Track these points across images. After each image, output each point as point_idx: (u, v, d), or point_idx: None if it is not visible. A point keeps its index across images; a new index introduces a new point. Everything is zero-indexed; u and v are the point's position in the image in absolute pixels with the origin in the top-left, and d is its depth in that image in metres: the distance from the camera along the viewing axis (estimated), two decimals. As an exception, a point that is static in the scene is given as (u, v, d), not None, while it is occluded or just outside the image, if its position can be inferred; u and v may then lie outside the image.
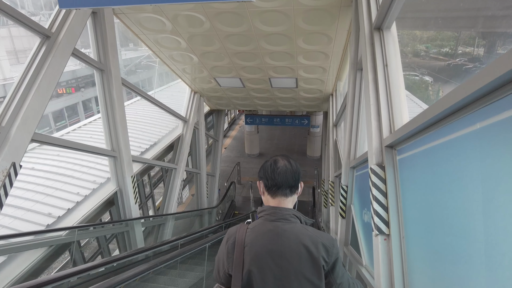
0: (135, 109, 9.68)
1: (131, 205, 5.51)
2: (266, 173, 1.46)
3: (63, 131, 7.59)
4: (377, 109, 2.80)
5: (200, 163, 9.13)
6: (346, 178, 4.57)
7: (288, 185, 1.44)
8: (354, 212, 4.29)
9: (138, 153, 6.74)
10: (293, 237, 1.34)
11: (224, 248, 1.42)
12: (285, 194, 1.45)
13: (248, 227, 1.42)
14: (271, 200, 1.46)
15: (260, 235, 1.36)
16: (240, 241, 1.37)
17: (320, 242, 1.34)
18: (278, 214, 1.40)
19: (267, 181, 1.46)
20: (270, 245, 1.33)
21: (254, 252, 1.33)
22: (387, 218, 2.34)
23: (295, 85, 7.50)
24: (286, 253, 1.31)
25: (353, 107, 4.35)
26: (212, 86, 7.99)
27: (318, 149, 15.81)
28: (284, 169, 1.44)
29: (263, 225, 1.39)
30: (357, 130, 4.33)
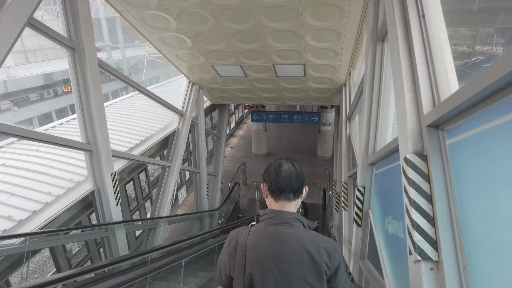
0: (131, 103, 9.03)
1: (111, 207, 4.78)
2: (270, 176, 1.45)
3: (49, 125, 6.96)
4: (411, 75, 1.96)
5: (199, 161, 8.38)
6: (363, 178, 3.73)
7: (292, 189, 1.43)
8: (373, 219, 3.46)
9: (126, 149, 6.03)
10: (295, 241, 1.33)
11: (226, 250, 1.41)
12: (288, 198, 1.44)
13: (250, 230, 1.42)
14: (274, 204, 1.46)
15: (261, 238, 1.36)
16: (242, 244, 1.36)
17: (322, 247, 1.33)
18: (281, 218, 1.40)
19: (270, 184, 1.45)
20: (272, 249, 1.32)
21: (255, 255, 1.32)
22: (434, 235, 1.51)
23: (303, 74, 6.66)
24: (288, 257, 1.30)
25: (372, 88, 3.49)
26: (211, 76, 7.23)
27: (329, 148, 14.88)
28: (288, 173, 1.43)
29: (265, 228, 1.39)
30: (378, 118, 3.46)
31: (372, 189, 3.60)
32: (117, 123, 7.29)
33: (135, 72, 21.72)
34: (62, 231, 4.11)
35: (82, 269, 2.91)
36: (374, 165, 3.53)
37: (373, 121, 3.49)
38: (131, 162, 6.16)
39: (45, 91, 17.69)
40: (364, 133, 3.68)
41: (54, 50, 27.20)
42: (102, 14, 17.15)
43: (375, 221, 3.36)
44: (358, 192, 3.77)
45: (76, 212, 5.01)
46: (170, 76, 11.92)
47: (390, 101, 3.37)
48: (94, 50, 4.30)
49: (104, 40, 18.19)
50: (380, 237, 3.07)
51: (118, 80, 5.36)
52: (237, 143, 17.91)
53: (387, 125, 3.42)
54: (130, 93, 9.98)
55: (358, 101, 5.50)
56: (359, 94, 5.13)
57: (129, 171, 6.26)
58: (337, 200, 7.87)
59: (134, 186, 9.23)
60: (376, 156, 3.27)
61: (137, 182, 9.29)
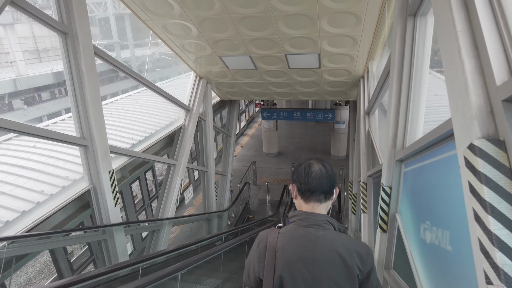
0: (136, 99, 8.71)
1: (109, 208, 4.40)
2: (300, 177, 1.43)
3: (50, 121, 6.67)
4: (471, 37, 1.47)
5: (207, 160, 7.97)
6: (389, 176, 3.23)
7: (323, 190, 1.41)
8: (401, 225, 2.96)
9: (128, 146, 5.67)
10: (327, 244, 1.31)
11: (255, 252, 1.40)
12: (319, 200, 1.42)
13: (279, 232, 1.40)
14: (304, 205, 1.43)
15: (292, 240, 1.34)
16: (271, 246, 1.35)
17: (354, 250, 1.30)
18: (311, 220, 1.37)
19: (300, 185, 1.42)
20: (303, 251, 1.30)
21: (286, 258, 1.31)
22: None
23: (317, 65, 6.16)
24: (319, 260, 1.28)
25: (401, 73, 2.97)
26: (220, 69, 6.81)
27: (343, 147, 14.29)
28: (318, 174, 1.40)
29: (295, 230, 1.37)
30: (408, 108, 2.95)
31: (401, 189, 3.10)
32: (121, 119, 6.97)
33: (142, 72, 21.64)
34: (46, 234, 3.74)
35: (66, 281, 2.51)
36: (403, 162, 3.03)
37: (402, 112, 2.98)
38: (133, 160, 5.80)
39: (56, 89, 17.66)
40: (391, 126, 3.17)
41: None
42: (111, 11, 17.01)
43: (404, 227, 2.88)
44: (384, 193, 3.27)
45: (72, 212, 4.67)
46: (176, 75, 11.58)
47: (422, 88, 2.86)
48: (89, 35, 3.92)
49: (113, 37, 18.06)
50: (413, 246, 2.58)
51: (120, 71, 5.00)
52: (248, 142, 17.49)
53: (418, 116, 2.92)
54: (138, 88, 9.66)
55: (379, 93, 4.98)
56: (381, 84, 4.61)
57: (131, 169, 5.90)
58: (353, 201, 7.35)
59: (140, 185, 8.92)
60: (407, 151, 2.78)
61: (143, 181, 8.96)
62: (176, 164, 6.37)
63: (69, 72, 3.86)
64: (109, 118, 7.01)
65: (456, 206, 1.64)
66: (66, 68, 3.86)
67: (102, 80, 21.53)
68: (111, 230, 4.48)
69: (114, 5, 16.38)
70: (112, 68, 20.92)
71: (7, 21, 16.19)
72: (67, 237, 4.01)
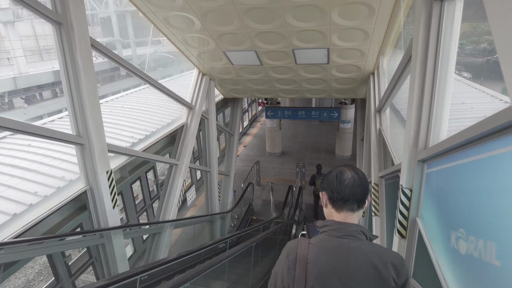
0: (137, 97, 8.46)
1: (107, 210, 4.15)
2: (331, 184, 1.37)
3: (47, 119, 6.43)
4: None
5: (210, 159, 7.71)
6: (410, 178, 2.96)
7: (356, 199, 1.35)
8: (424, 231, 2.69)
9: (128, 144, 5.41)
10: (361, 256, 1.25)
11: (284, 263, 1.34)
12: (352, 209, 1.36)
13: (310, 242, 1.34)
14: (335, 214, 1.38)
15: (324, 251, 1.30)
16: (302, 257, 1.30)
17: (389, 261, 1.26)
18: (345, 230, 1.32)
19: (332, 194, 1.37)
20: (336, 263, 1.25)
21: (318, 270, 1.26)
22: None
23: (326, 60, 5.89)
24: (353, 273, 1.23)
25: (424, 63, 2.70)
26: (223, 65, 6.54)
27: (348, 147, 13.99)
28: (351, 182, 1.34)
29: (327, 241, 1.32)
30: (432, 103, 2.68)
31: (422, 192, 2.83)
32: (121, 117, 6.71)
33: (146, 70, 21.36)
34: (37, 241, 3.47)
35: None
36: (425, 162, 2.76)
37: (425, 108, 2.70)
38: (133, 159, 5.55)
39: (58, 88, 17.45)
40: (413, 123, 2.89)
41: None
42: (112, 8, 16.79)
43: (428, 233, 2.61)
44: (403, 195, 3.00)
45: (69, 214, 4.43)
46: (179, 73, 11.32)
47: (447, 82, 2.59)
48: (85, 26, 3.67)
49: (115, 35, 17.85)
50: (441, 255, 2.30)
51: (118, 65, 4.75)
52: (251, 142, 17.22)
53: (442, 113, 2.65)
54: (141, 86, 9.41)
55: (393, 90, 4.70)
56: (396, 80, 4.34)
57: (131, 169, 5.65)
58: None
59: (141, 185, 8.67)
60: (432, 151, 2.52)
61: (144, 181, 8.72)
62: (178, 164, 6.11)
63: (64, 65, 3.60)
64: (109, 116, 6.76)
65: (508, 214, 1.38)
66: (60, 61, 3.60)
67: (104, 79, 21.32)
68: (109, 234, 4.22)
69: (115, 1, 16.16)
70: (114, 67, 20.74)
71: (8, 19, 16.00)
72: (62, 242, 3.75)
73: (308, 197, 11.36)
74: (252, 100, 20.44)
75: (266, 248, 7.16)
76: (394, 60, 6.59)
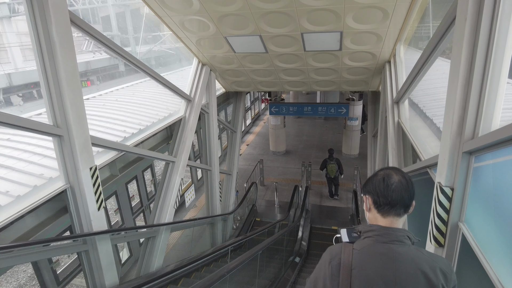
0: (134, 90, 7.93)
1: (91, 212, 3.61)
2: (377, 188, 1.31)
3: (34, 112, 5.91)
4: None
5: (211, 157, 7.16)
6: (451, 174, 2.41)
7: (404, 204, 1.29)
8: (472, 238, 2.15)
9: (120, 139, 4.88)
10: (410, 262, 1.21)
11: (327, 269, 1.29)
12: (398, 214, 1.30)
13: (353, 247, 1.29)
14: (380, 219, 1.32)
15: (370, 257, 1.24)
16: (346, 263, 1.25)
17: (438, 268, 1.22)
18: (392, 236, 1.26)
19: (377, 198, 1.31)
20: (383, 270, 1.20)
21: (364, 277, 1.22)
22: None
23: (338, 46, 5.32)
24: (402, 279, 1.19)
25: (476, 24, 2.11)
26: (225, 54, 5.99)
27: (356, 145, 13.40)
28: (399, 186, 1.28)
29: (373, 246, 1.27)
30: (485, 81, 2.10)
31: (468, 190, 2.28)
32: (114, 111, 6.19)
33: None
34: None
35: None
36: (472, 154, 2.21)
37: (475, 87, 2.13)
38: (125, 155, 5.03)
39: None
40: (457, 106, 2.31)
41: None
42: (111, 2, 16.29)
43: (479, 242, 2.06)
44: (442, 195, 2.43)
45: (48, 217, 3.89)
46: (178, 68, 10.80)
47: (506, 51, 2.02)
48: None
49: (113, 30, 17.35)
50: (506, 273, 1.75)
51: (106, 49, 4.21)
52: (254, 140, 16.66)
53: (497, 94, 2.08)
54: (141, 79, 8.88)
55: (416, 77, 4.14)
56: (421, 65, 3.78)
57: (122, 166, 5.11)
58: (375, 204, 6.49)
59: (137, 185, 8.15)
60: (483, 140, 1.97)
61: (141, 181, 8.19)
62: (175, 161, 5.56)
63: (37, 43, 3.06)
64: (101, 110, 6.25)
65: None
66: (33, 39, 3.07)
67: (104, 77, 20.86)
68: (93, 239, 3.68)
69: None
70: (115, 64, 20.24)
71: (3, 14, 15.54)
72: (33, 250, 3.21)
73: (314, 197, 10.80)
74: (255, 97, 19.89)
75: (271, 253, 6.61)
76: (419, 39, 6.00)
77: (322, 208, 10.17)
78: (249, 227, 9.12)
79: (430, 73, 6.54)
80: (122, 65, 18.52)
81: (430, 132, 4.43)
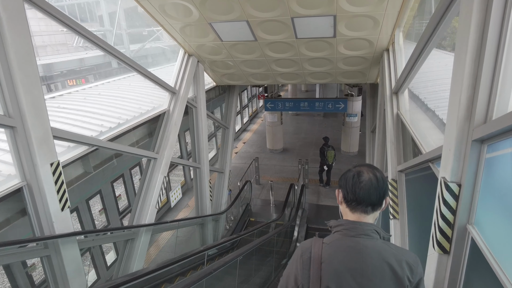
0: (118, 84, 7.55)
1: (52, 213, 3.22)
2: (347, 184, 1.34)
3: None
4: None
5: (199, 154, 6.77)
6: (458, 167, 2.01)
7: (370, 202, 1.30)
8: (483, 244, 1.76)
9: (95, 134, 4.49)
10: (376, 255, 1.23)
11: (298, 262, 1.31)
12: (365, 211, 1.32)
13: (323, 242, 1.32)
14: (349, 214, 1.35)
15: (338, 251, 1.27)
16: (316, 256, 1.28)
17: (404, 260, 1.24)
18: (359, 230, 1.29)
19: (346, 194, 1.34)
20: (350, 263, 1.23)
21: (332, 269, 1.24)
22: None
23: (332, 33, 4.92)
24: (368, 272, 1.21)
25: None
26: (212, 43, 5.60)
27: (355, 143, 12.98)
28: (368, 184, 1.29)
29: (341, 240, 1.29)
30: (499, 54, 1.69)
31: (479, 186, 1.89)
32: (95, 104, 5.83)
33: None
34: None
35: None
36: (484, 142, 1.81)
37: (488, 61, 1.72)
38: (100, 152, 4.65)
39: (44, 84, 16.61)
40: (465, 84, 1.90)
41: (65, 46, 26.62)
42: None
43: (492, 249, 1.69)
44: (448, 193, 2.04)
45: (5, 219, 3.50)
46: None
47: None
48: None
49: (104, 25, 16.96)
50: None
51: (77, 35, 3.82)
52: (251, 138, 16.27)
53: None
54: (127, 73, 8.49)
55: (416, 62, 3.74)
56: (419, 51, 3.38)
57: (98, 163, 4.72)
58: (374, 203, 6.10)
59: (124, 184, 7.77)
60: (498, 124, 1.57)
61: (128, 179, 7.81)
62: (157, 158, 5.17)
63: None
64: (81, 103, 5.88)
65: None
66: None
67: (100, 75, 20.49)
68: (56, 243, 3.30)
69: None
70: (108, 62, 19.87)
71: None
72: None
73: (311, 196, 10.39)
74: (253, 95, 19.48)
75: (263, 255, 6.22)
76: (420, 18, 5.56)
77: (319, 207, 9.76)
78: (243, 228, 8.73)
79: (432, 64, 6.13)
80: (116, 62, 18.13)
81: (432, 124, 4.04)
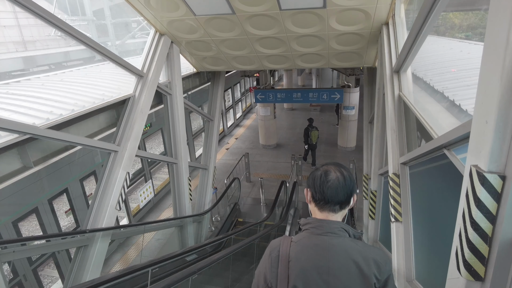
0: (88, 71, 6.80)
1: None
2: (315, 184, 1.35)
3: None
4: None
5: (176, 148, 6.02)
6: (500, 150, 1.18)
7: (338, 201, 1.32)
8: None
9: (42, 121, 3.74)
10: (342, 253, 1.25)
11: (267, 261, 1.33)
12: (333, 210, 1.34)
13: (292, 240, 1.34)
14: (318, 213, 1.37)
15: (305, 249, 1.29)
16: (284, 255, 1.29)
17: (371, 258, 1.25)
18: (326, 228, 1.30)
19: (315, 193, 1.35)
20: (317, 261, 1.25)
21: (299, 267, 1.25)
22: None
23: (321, 3, 4.16)
24: (334, 269, 1.23)
25: None
26: (184, 18, 4.84)
27: (352, 138, 12.25)
28: (335, 184, 1.31)
29: (308, 238, 1.31)
30: None
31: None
32: (52, 91, 5.08)
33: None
34: None
35: None
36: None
37: None
38: (45, 143, 3.90)
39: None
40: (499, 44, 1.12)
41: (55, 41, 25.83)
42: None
43: None
44: (483, 188, 1.24)
45: None
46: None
47: None
48: None
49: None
50: None
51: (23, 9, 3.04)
52: (243, 134, 15.52)
53: None
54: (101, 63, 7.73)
55: (421, 30, 2.98)
56: (423, 19, 2.64)
57: (44, 156, 3.97)
58: (371, 202, 5.38)
59: (96, 181, 7.05)
60: None
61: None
62: (117, 151, 4.42)
63: None
64: (35, 90, 5.14)
65: None
66: None
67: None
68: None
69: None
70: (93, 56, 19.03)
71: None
72: None
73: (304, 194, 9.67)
74: (246, 89, 18.72)
75: (248, 261, 5.50)
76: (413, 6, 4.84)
77: (313, 207, 9.04)
78: (229, 229, 8.00)
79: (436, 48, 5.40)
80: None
81: (440, 107, 3.32)
